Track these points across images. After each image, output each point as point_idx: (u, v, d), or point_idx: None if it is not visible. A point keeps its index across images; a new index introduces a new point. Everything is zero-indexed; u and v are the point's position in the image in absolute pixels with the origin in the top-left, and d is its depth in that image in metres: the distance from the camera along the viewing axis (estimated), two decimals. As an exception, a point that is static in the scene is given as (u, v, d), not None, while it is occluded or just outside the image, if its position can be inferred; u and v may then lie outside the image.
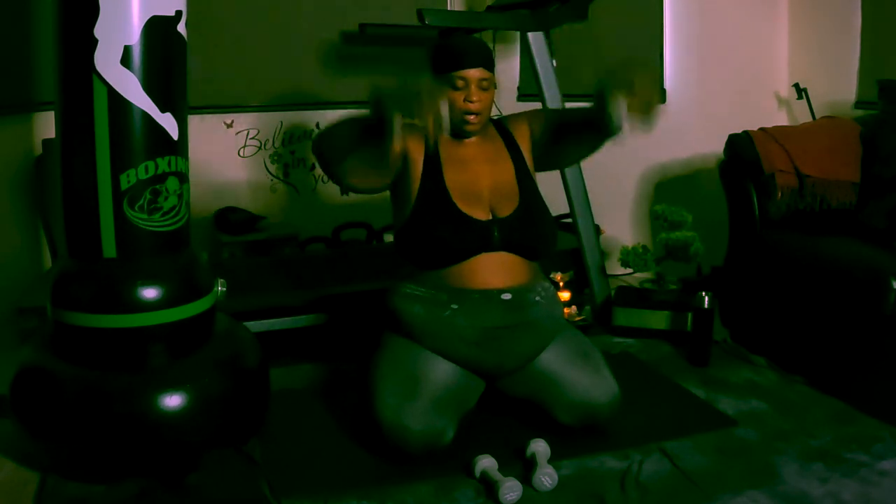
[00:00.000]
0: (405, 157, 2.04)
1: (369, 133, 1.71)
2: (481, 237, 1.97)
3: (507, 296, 1.98)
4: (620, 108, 1.65)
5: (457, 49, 2.04)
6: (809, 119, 3.23)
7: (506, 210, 2.02)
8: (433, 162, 2.05)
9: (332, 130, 1.91)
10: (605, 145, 2.21)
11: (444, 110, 1.61)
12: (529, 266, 2.06)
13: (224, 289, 2.04)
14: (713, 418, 2.17)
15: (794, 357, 2.49)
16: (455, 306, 1.97)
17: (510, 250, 2.01)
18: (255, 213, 3.36)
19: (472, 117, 2.03)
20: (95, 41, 1.71)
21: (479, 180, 2.05)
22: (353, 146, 1.85)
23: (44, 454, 1.85)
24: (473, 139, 2.11)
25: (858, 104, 3.16)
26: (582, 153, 2.20)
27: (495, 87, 2.09)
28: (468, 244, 1.97)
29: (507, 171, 2.10)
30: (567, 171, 2.94)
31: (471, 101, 2.01)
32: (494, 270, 1.99)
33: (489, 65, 2.05)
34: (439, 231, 1.98)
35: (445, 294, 1.98)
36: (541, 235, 2.07)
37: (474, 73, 2.01)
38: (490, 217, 2.00)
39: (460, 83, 2.01)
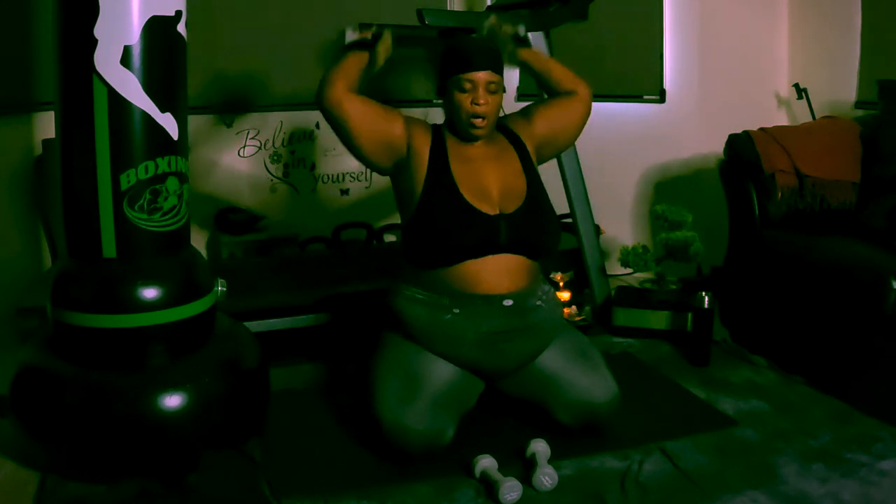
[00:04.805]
0: (409, 147, 2.03)
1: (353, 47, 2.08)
2: (488, 232, 1.96)
3: (508, 302, 1.97)
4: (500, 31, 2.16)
5: (465, 51, 2.03)
6: (809, 119, 3.22)
7: (512, 206, 2.01)
8: (439, 155, 2.03)
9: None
10: (605, 144, 2.22)
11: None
12: (531, 269, 2.05)
13: (224, 289, 2.04)
14: (713, 418, 2.17)
15: (794, 357, 2.48)
16: (457, 311, 1.96)
17: (515, 249, 1.99)
18: (255, 213, 3.36)
19: (479, 121, 2.02)
20: (95, 41, 1.71)
21: (487, 177, 2.03)
22: (343, 58, 2.06)
23: (44, 454, 1.85)
24: (479, 141, 2.10)
25: (858, 104, 3.16)
26: (568, 121, 2.23)
27: (504, 91, 2.08)
28: (476, 238, 1.95)
29: (515, 167, 2.08)
30: (567, 171, 2.94)
31: (478, 104, 2.00)
32: (497, 274, 1.98)
33: (498, 68, 2.04)
34: (448, 223, 1.96)
35: (447, 298, 1.97)
36: (547, 232, 2.06)
37: (482, 76, 2.00)
38: (497, 212, 1.99)
39: (468, 85, 2.00)
